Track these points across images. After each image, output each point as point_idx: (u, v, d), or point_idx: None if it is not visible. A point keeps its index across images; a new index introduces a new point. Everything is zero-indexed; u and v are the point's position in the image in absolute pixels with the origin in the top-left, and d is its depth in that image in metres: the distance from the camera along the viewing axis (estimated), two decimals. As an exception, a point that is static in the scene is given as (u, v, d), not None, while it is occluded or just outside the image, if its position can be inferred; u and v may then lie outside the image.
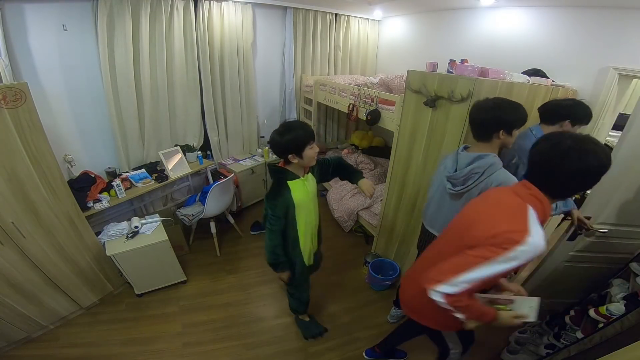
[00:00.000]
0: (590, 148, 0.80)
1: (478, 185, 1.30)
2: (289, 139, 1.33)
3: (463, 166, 1.35)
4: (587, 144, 0.81)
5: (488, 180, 1.27)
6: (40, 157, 1.66)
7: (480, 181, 1.28)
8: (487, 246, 0.85)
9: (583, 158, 0.80)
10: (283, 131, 1.34)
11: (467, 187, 1.32)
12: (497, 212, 0.92)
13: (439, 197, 1.51)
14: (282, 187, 1.42)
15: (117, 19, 2.23)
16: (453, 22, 2.92)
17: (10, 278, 1.68)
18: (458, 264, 0.89)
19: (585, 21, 2.02)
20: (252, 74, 3.22)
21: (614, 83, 1.92)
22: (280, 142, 1.34)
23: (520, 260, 0.82)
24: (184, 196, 3.12)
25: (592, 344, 1.32)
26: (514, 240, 0.81)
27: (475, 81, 1.47)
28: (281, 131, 1.35)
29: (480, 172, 1.28)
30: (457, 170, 1.37)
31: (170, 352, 1.90)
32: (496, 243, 0.84)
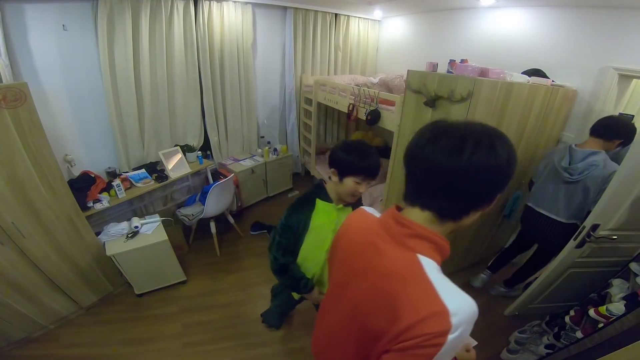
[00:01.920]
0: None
1: (592, 174, 1.63)
2: (352, 158, 1.11)
3: (578, 160, 1.69)
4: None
5: (605, 170, 1.60)
6: (40, 157, 1.66)
7: (596, 172, 1.63)
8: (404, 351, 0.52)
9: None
10: (351, 149, 1.13)
11: (583, 176, 1.66)
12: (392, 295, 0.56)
13: (549, 183, 1.84)
14: (307, 201, 1.24)
15: (117, 19, 2.23)
16: (453, 22, 2.92)
17: (10, 278, 1.68)
18: None
19: (585, 21, 2.02)
20: (252, 74, 3.22)
21: (613, 83, 1.92)
22: (335, 152, 1.15)
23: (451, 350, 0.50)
24: (184, 196, 3.12)
25: (592, 344, 1.32)
26: (436, 331, 0.49)
27: (475, 81, 1.47)
28: (349, 149, 1.13)
29: (598, 165, 1.62)
30: (572, 164, 1.71)
31: (170, 352, 1.89)
32: (418, 345, 0.50)
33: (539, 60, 2.22)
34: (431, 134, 0.58)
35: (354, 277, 0.69)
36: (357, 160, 1.10)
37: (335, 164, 1.15)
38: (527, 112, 1.79)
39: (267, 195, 3.64)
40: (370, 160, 1.12)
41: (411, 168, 0.62)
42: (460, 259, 2.43)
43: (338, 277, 0.78)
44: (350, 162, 1.11)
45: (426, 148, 0.57)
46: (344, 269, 0.75)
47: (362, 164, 1.11)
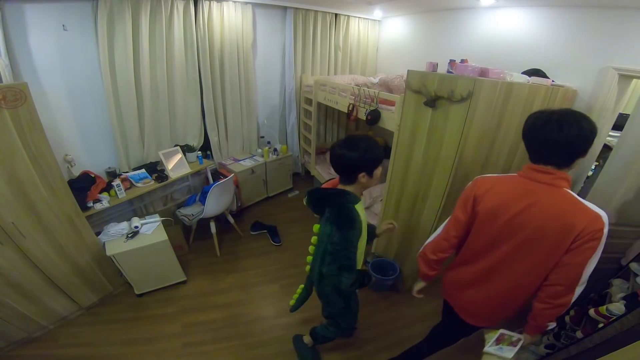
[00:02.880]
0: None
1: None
2: (373, 155, 1.16)
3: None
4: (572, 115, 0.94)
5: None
6: (40, 157, 1.66)
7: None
8: (583, 246, 0.91)
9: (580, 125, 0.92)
10: (353, 145, 1.16)
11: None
12: (565, 213, 0.94)
13: None
14: (353, 212, 1.19)
15: (117, 19, 2.23)
16: (453, 22, 2.92)
17: (10, 278, 1.68)
18: (575, 272, 0.96)
19: (586, 21, 2.02)
20: (252, 74, 3.22)
21: (613, 83, 1.92)
22: (353, 157, 1.15)
23: (605, 239, 0.91)
24: (184, 196, 3.12)
25: (592, 344, 1.32)
26: (599, 228, 0.89)
27: (475, 81, 1.47)
28: (351, 145, 1.16)
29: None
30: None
31: (170, 352, 1.90)
32: (590, 238, 0.90)
33: (539, 60, 2.22)
34: (541, 121, 0.95)
35: (521, 219, 1.00)
36: (379, 148, 1.19)
37: (364, 167, 1.18)
38: (527, 112, 1.76)
39: (267, 195, 3.65)
40: (377, 142, 1.21)
41: (533, 141, 0.99)
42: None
43: (492, 230, 1.08)
44: (381, 154, 1.18)
45: (540, 130, 0.95)
46: (500, 220, 1.04)
47: (380, 148, 1.20)
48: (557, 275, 0.99)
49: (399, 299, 2.31)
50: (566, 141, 0.91)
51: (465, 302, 1.28)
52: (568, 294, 0.99)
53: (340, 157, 1.19)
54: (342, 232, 1.17)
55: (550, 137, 0.93)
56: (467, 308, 1.28)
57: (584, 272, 0.95)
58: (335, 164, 1.23)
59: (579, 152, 0.93)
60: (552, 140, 0.93)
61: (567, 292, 0.99)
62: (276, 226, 3.06)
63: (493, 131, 1.69)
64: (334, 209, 1.21)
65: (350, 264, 1.20)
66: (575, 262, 0.94)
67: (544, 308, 1.05)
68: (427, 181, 1.91)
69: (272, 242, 2.93)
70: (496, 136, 1.73)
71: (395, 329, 2.09)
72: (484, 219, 1.10)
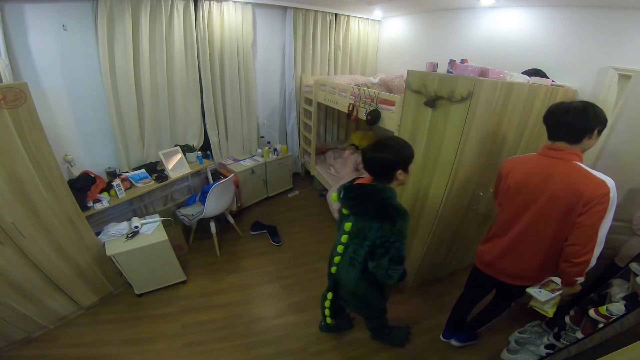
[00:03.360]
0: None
1: None
2: (407, 152, 1.24)
3: None
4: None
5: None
6: (40, 157, 1.66)
7: None
8: (592, 210, 1.09)
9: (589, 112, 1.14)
10: (385, 147, 1.22)
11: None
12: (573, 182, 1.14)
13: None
14: (400, 205, 1.23)
15: (117, 19, 2.23)
16: (453, 22, 2.92)
17: (10, 278, 1.68)
18: (589, 233, 1.12)
19: (586, 21, 2.01)
20: (252, 74, 3.22)
21: (613, 83, 1.92)
22: (388, 157, 1.21)
23: (615, 202, 1.09)
24: (184, 196, 3.12)
25: (592, 344, 1.32)
26: (604, 192, 1.07)
27: (475, 81, 1.47)
28: (383, 147, 1.22)
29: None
30: None
31: (170, 352, 1.89)
32: (597, 202, 1.08)
33: (539, 60, 2.22)
34: (560, 108, 1.18)
35: (539, 188, 1.22)
36: (410, 146, 1.26)
37: (405, 162, 1.24)
38: (527, 112, 1.79)
39: (267, 195, 3.65)
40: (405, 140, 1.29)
41: (550, 122, 1.22)
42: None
43: (517, 201, 1.31)
44: (412, 150, 1.26)
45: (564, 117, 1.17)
46: (523, 192, 1.29)
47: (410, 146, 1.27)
48: (574, 236, 1.16)
49: (399, 299, 2.31)
50: (572, 121, 1.15)
51: (505, 267, 1.44)
52: (587, 253, 1.15)
53: (375, 159, 1.24)
54: (397, 224, 1.19)
55: (561, 119, 1.17)
56: (509, 272, 1.44)
57: (598, 233, 1.11)
58: (371, 168, 1.27)
59: (584, 131, 1.15)
60: (562, 121, 1.17)
61: (585, 251, 1.15)
62: (276, 226, 3.06)
63: (493, 131, 1.69)
64: (381, 203, 1.22)
65: (400, 256, 1.23)
66: (588, 223, 1.11)
67: (567, 266, 1.22)
68: (427, 181, 1.91)
69: (272, 242, 2.93)
70: (496, 136, 1.73)
71: (395, 329, 2.09)
72: (511, 194, 1.34)
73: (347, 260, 1.41)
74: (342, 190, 1.35)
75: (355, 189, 1.30)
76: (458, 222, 2.02)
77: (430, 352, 1.94)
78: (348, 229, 1.35)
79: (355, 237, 1.33)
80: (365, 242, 1.29)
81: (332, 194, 3.17)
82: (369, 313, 1.73)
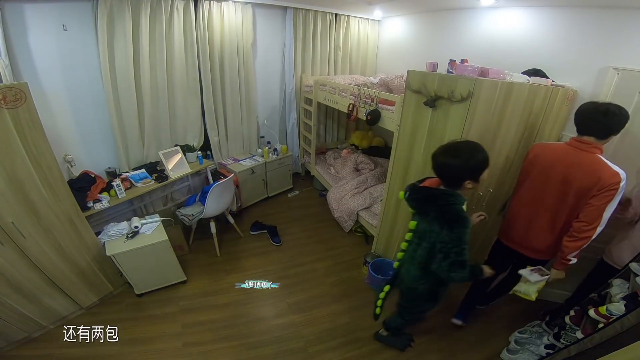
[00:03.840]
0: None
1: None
2: (477, 161, 1.17)
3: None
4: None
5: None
6: (40, 157, 1.66)
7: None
8: (603, 194, 1.30)
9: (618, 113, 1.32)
10: (455, 153, 1.18)
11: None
12: (594, 170, 1.33)
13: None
14: (463, 212, 1.22)
15: (117, 19, 2.23)
16: (453, 22, 2.92)
17: (10, 278, 1.68)
18: (597, 212, 1.33)
19: (586, 21, 2.01)
20: (252, 74, 3.22)
21: (613, 83, 1.92)
22: (456, 165, 1.17)
23: (622, 191, 1.30)
24: (184, 196, 3.12)
25: (592, 344, 1.32)
26: (617, 181, 1.28)
27: (475, 81, 1.47)
28: (453, 153, 1.18)
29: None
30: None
31: (170, 352, 1.89)
32: (609, 188, 1.29)
33: (539, 60, 2.22)
34: (597, 110, 1.34)
35: (563, 172, 1.42)
36: (485, 152, 1.21)
37: (475, 173, 1.20)
38: (527, 112, 1.79)
39: (267, 195, 3.65)
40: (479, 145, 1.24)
41: (589, 122, 1.36)
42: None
43: (542, 181, 1.51)
44: (485, 158, 1.21)
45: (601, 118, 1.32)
46: (548, 174, 1.48)
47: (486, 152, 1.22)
48: (583, 214, 1.37)
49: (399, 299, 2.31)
50: (607, 123, 1.32)
51: (529, 241, 1.62)
52: (590, 230, 1.36)
53: (443, 165, 1.21)
54: (454, 231, 1.18)
55: (598, 119, 1.33)
56: (529, 245, 1.63)
57: (603, 214, 1.33)
58: (439, 173, 1.25)
59: (614, 131, 1.35)
60: (599, 121, 1.33)
61: (589, 228, 1.36)
62: (276, 226, 3.06)
63: (493, 131, 1.69)
64: (442, 208, 1.22)
65: (463, 260, 1.21)
66: (597, 204, 1.32)
67: (570, 240, 1.42)
68: (427, 181, 1.91)
69: (272, 242, 2.93)
70: (496, 136, 1.73)
71: (395, 329, 2.09)
72: (536, 174, 1.53)
73: (408, 257, 1.45)
74: (408, 190, 1.36)
75: (420, 191, 1.31)
76: (458, 222, 2.02)
77: (430, 352, 1.94)
78: (412, 227, 1.39)
79: (417, 237, 1.36)
80: (423, 244, 1.31)
81: (328, 196, 3.18)
82: (413, 311, 1.73)
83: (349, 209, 2.96)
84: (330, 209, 3.19)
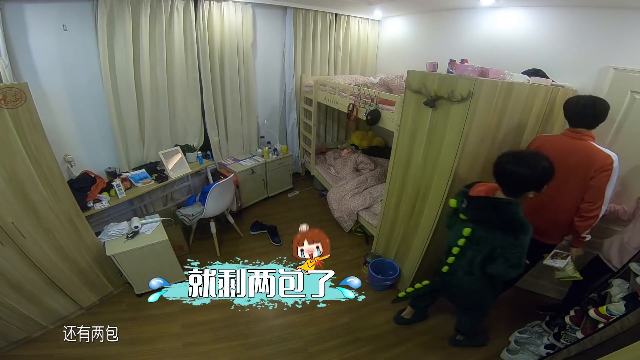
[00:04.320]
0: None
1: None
2: (548, 173, 1.20)
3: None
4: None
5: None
6: (40, 157, 1.66)
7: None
8: (600, 175, 1.46)
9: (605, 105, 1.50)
10: (525, 163, 1.19)
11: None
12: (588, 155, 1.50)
13: None
14: (525, 220, 1.24)
15: (117, 19, 2.23)
16: (453, 22, 2.92)
17: (10, 278, 1.68)
18: (599, 193, 1.49)
19: (586, 21, 2.01)
20: (252, 74, 3.22)
21: (613, 83, 1.92)
22: (526, 176, 1.18)
23: (617, 171, 1.45)
24: (184, 196, 3.12)
25: (592, 344, 1.32)
26: (609, 162, 1.44)
27: (475, 81, 1.47)
28: (524, 163, 1.19)
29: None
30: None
31: (170, 352, 1.90)
32: (604, 169, 1.45)
33: (539, 60, 2.22)
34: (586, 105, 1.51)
35: (564, 160, 1.48)
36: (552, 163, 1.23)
37: (541, 184, 1.23)
38: (527, 112, 1.79)
39: (267, 195, 3.64)
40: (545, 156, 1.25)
41: (578, 116, 1.55)
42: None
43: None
44: (553, 168, 1.22)
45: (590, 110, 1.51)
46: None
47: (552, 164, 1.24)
48: (587, 196, 1.52)
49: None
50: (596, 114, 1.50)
51: (539, 226, 1.60)
52: (596, 209, 1.52)
53: (511, 174, 1.21)
54: (519, 238, 1.23)
55: (587, 112, 1.51)
56: (542, 231, 1.66)
57: (605, 194, 1.48)
58: (505, 180, 1.26)
59: (602, 120, 1.52)
60: (588, 114, 1.51)
61: (594, 207, 1.51)
62: (276, 226, 3.06)
63: (493, 131, 1.69)
64: (506, 217, 1.24)
65: (521, 263, 1.28)
66: (597, 185, 1.48)
67: (580, 220, 1.58)
68: (427, 181, 1.91)
69: (272, 242, 2.93)
70: (496, 136, 1.73)
71: (394, 329, 2.09)
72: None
73: (464, 263, 1.46)
74: (464, 200, 1.36)
75: (479, 201, 1.32)
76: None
77: (430, 352, 1.94)
78: (467, 234, 1.39)
79: (475, 244, 1.37)
80: (484, 250, 1.34)
81: (328, 196, 3.18)
82: (478, 310, 1.76)
83: (349, 209, 2.96)
84: (330, 209, 3.19)
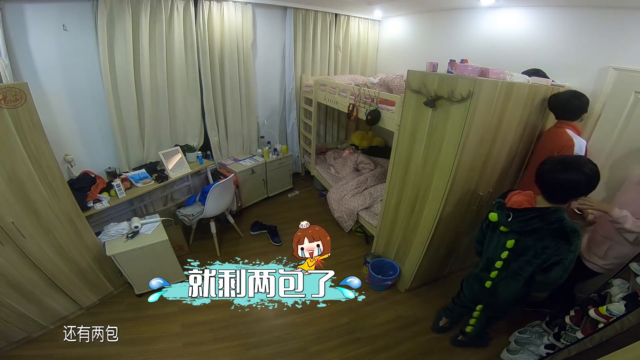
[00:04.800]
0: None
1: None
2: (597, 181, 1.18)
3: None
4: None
5: None
6: (40, 157, 1.66)
7: None
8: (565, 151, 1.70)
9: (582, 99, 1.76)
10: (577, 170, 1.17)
11: None
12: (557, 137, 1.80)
13: None
14: (574, 225, 1.24)
15: (117, 19, 2.23)
16: (453, 22, 2.92)
17: (10, 278, 1.68)
18: None
19: (585, 21, 2.01)
20: (252, 74, 3.22)
21: (613, 83, 1.92)
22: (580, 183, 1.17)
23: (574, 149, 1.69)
24: (184, 196, 3.12)
25: (592, 344, 1.32)
26: (570, 145, 1.71)
27: (475, 81, 1.47)
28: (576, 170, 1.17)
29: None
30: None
31: (170, 352, 1.90)
32: (564, 146, 1.72)
33: (539, 60, 2.22)
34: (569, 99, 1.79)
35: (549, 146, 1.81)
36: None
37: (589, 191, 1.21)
38: (527, 112, 1.79)
39: (267, 195, 3.65)
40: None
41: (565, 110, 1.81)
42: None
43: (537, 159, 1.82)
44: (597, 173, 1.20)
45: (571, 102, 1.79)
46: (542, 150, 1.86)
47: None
48: None
49: (399, 299, 2.31)
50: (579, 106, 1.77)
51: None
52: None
53: (560, 181, 1.19)
54: (570, 244, 1.22)
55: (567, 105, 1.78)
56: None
57: None
58: (550, 187, 1.25)
59: (584, 112, 1.80)
60: (570, 106, 1.77)
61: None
62: (276, 226, 3.06)
63: (493, 131, 1.69)
64: (555, 225, 1.24)
65: (571, 268, 1.27)
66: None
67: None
68: (427, 181, 1.91)
69: (272, 242, 2.93)
70: (496, 136, 1.73)
71: (394, 329, 2.09)
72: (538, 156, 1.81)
73: (508, 275, 1.45)
74: (510, 214, 1.35)
75: (526, 213, 1.30)
76: (458, 222, 2.02)
77: (430, 352, 1.94)
78: (510, 246, 1.38)
79: (520, 254, 1.36)
80: (535, 260, 1.32)
81: (328, 196, 3.18)
82: (499, 317, 1.79)
83: (349, 209, 2.96)
84: (330, 209, 3.19)
